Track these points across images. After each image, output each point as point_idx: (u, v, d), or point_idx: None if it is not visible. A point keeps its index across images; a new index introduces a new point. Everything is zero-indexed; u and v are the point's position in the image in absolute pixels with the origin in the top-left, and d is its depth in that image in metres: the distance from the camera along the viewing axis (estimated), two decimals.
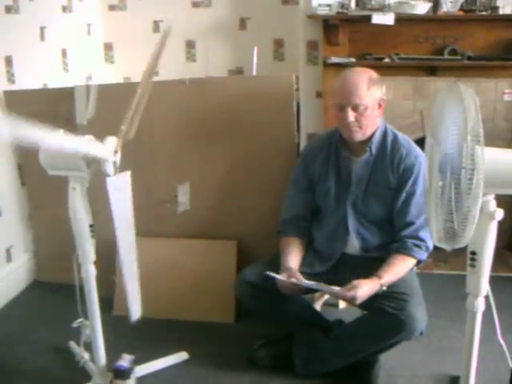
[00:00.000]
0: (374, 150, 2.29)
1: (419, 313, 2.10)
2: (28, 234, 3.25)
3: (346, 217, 2.34)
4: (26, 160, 3.04)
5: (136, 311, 2.14)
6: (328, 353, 2.33)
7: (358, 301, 2.08)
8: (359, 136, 2.24)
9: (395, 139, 2.31)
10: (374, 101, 2.19)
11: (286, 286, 2.20)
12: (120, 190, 1.89)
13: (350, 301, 2.10)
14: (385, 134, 2.31)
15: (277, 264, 2.33)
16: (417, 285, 2.28)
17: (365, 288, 2.08)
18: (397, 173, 2.27)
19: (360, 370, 2.33)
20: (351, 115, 2.17)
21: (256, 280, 2.31)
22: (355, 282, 2.09)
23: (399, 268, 2.20)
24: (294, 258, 2.33)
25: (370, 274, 2.15)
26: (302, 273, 2.27)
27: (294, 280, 2.18)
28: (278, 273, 2.24)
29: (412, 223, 2.25)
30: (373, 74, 2.23)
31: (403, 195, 2.26)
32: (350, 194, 2.33)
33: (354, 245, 2.36)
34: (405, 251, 2.23)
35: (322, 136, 2.55)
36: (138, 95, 1.92)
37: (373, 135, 2.27)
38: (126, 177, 1.93)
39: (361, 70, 2.29)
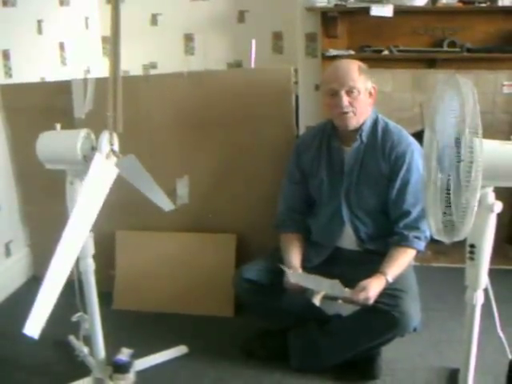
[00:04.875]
0: (364, 138, 2.28)
1: (412, 310, 2.10)
2: (25, 229, 3.25)
3: (340, 207, 2.34)
4: (22, 154, 3.03)
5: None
6: (323, 347, 2.33)
7: (371, 301, 2.08)
8: (353, 122, 2.23)
9: (386, 127, 2.30)
10: (365, 87, 2.21)
11: (294, 287, 2.20)
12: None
13: (362, 302, 2.09)
14: (375, 122, 2.31)
15: (276, 259, 2.33)
16: (413, 280, 2.28)
17: (375, 287, 2.09)
18: (389, 160, 2.26)
19: (362, 363, 2.33)
20: (345, 100, 2.18)
21: (254, 277, 2.32)
22: (363, 283, 2.09)
23: (402, 261, 2.20)
24: (296, 256, 2.34)
25: (368, 269, 2.15)
26: (302, 268, 2.28)
27: (304, 282, 2.18)
28: (279, 269, 2.24)
29: (409, 212, 2.24)
30: (361, 63, 2.27)
31: (397, 183, 2.25)
32: (342, 183, 2.32)
33: (349, 235, 2.36)
34: (405, 243, 2.22)
35: (313, 128, 2.55)
36: (110, 81, 1.89)
37: (363, 123, 2.27)
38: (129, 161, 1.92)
39: (349, 60, 2.35)
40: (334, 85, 2.20)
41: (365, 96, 2.21)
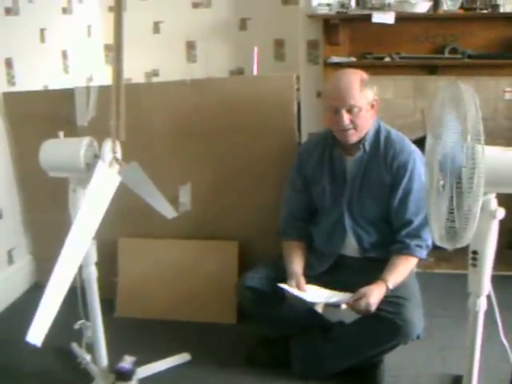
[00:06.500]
0: (367, 148, 2.28)
1: (415, 317, 2.10)
2: (27, 237, 3.25)
3: (342, 216, 2.33)
4: (24, 162, 3.04)
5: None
6: (326, 355, 2.33)
7: (373, 307, 2.07)
8: (354, 138, 2.23)
9: (388, 136, 2.30)
10: (367, 102, 2.19)
11: (295, 299, 2.19)
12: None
13: (364, 309, 2.08)
14: (378, 132, 2.30)
15: (278, 267, 2.33)
16: (415, 287, 2.28)
17: (375, 293, 2.08)
18: (391, 170, 2.25)
19: (365, 370, 2.32)
20: (346, 118, 2.17)
21: (257, 285, 2.32)
22: (363, 290, 2.09)
23: (403, 269, 2.20)
24: (298, 263, 2.33)
25: (370, 276, 2.15)
26: (305, 276, 2.28)
27: (307, 299, 2.17)
28: (281, 277, 2.24)
29: (411, 221, 2.24)
30: (363, 75, 2.23)
31: (399, 193, 2.25)
32: (345, 193, 2.32)
33: (352, 244, 2.35)
34: (407, 251, 2.22)
35: (316, 136, 2.55)
36: (113, 89, 1.89)
37: (366, 134, 2.26)
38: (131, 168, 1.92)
39: (351, 71, 2.29)
40: (335, 103, 2.19)
41: (366, 111, 2.20)
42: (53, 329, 1.61)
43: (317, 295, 2.20)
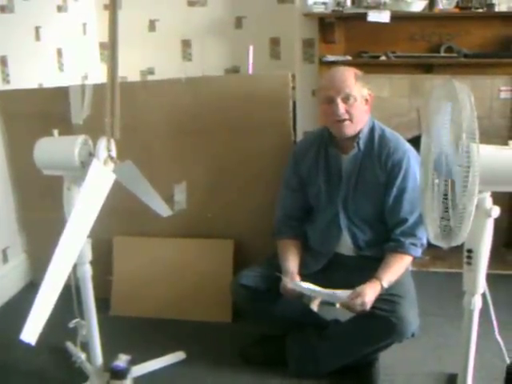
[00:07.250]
0: (361, 146, 2.28)
1: (410, 316, 2.10)
2: (22, 235, 3.24)
3: (337, 215, 2.34)
4: (19, 160, 3.02)
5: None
6: (321, 353, 2.33)
7: (368, 306, 2.07)
8: (350, 131, 2.23)
9: (383, 134, 2.30)
10: (361, 95, 2.21)
11: (290, 292, 2.20)
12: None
13: (359, 307, 2.08)
14: (372, 130, 2.30)
15: (273, 266, 2.33)
16: (410, 286, 2.28)
17: (370, 292, 2.08)
18: (385, 168, 2.25)
19: (360, 369, 2.32)
20: (342, 107, 2.17)
21: (252, 283, 2.32)
22: (358, 289, 2.09)
23: (397, 267, 2.20)
24: (293, 261, 2.33)
25: (365, 275, 2.15)
26: (300, 275, 2.28)
27: (302, 289, 2.18)
28: (276, 275, 2.24)
29: (406, 220, 2.24)
30: (357, 71, 2.27)
31: (394, 191, 2.25)
32: (340, 191, 2.32)
33: (347, 243, 2.36)
34: (402, 250, 2.22)
35: (311, 135, 2.55)
36: (108, 87, 1.88)
37: (360, 131, 2.27)
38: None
39: (345, 67, 2.33)
40: (330, 92, 2.20)
41: (361, 103, 2.21)
42: (47, 327, 1.60)
43: (313, 290, 2.20)
